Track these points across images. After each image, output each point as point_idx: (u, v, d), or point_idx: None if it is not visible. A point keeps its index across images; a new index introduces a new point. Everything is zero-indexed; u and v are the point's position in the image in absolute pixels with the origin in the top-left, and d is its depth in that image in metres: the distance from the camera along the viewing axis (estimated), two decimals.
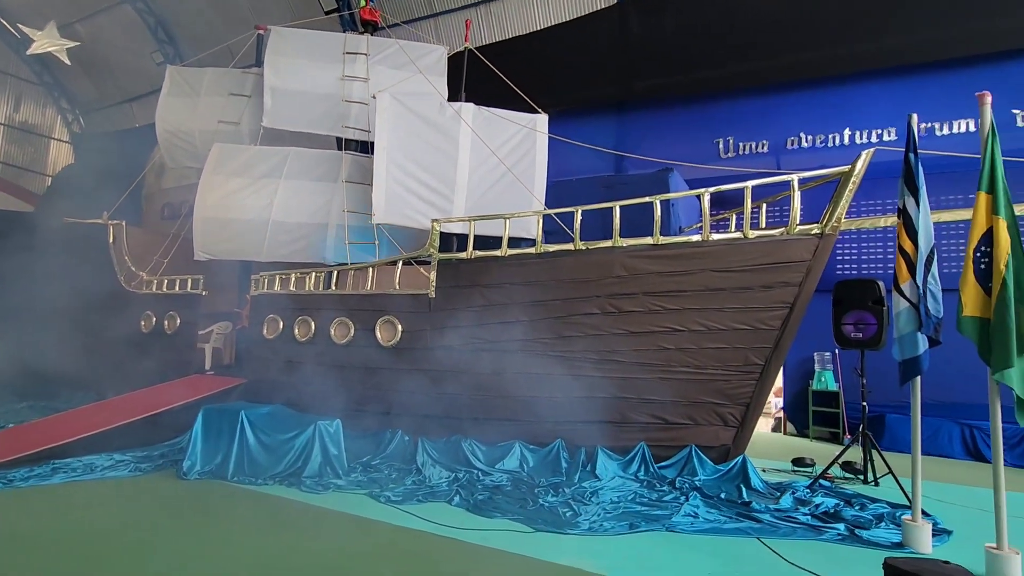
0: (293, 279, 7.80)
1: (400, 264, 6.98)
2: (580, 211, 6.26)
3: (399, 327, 6.77)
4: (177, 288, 8.93)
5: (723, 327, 5.95)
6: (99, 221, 10.05)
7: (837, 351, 8.71)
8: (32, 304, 11.04)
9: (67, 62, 17.41)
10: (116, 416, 6.45)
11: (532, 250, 6.38)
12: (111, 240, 9.88)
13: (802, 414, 8.83)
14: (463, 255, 6.64)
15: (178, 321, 8.75)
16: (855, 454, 6.58)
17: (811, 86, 9.02)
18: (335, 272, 7.47)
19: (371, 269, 7.19)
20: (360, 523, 4.30)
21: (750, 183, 5.88)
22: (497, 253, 6.48)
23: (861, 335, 5.85)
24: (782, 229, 5.81)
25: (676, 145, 9.66)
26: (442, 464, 6.13)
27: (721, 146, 9.59)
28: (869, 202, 8.28)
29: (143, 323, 9.10)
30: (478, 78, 9.50)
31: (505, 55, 10.56)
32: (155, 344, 8.93)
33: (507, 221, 6.53)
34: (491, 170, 8.83)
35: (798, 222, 5.77)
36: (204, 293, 8.76)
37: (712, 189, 5.99)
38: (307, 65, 9.98)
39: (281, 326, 7.63)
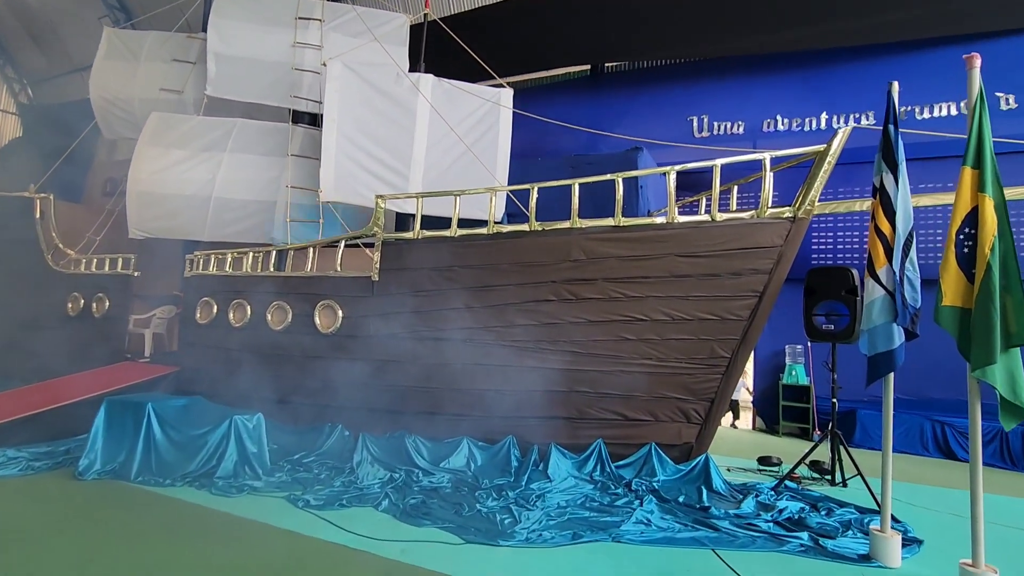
0: (230, 259, 7.16)
1: (342, 244, 6.39)
2: (536, 188, 5.74)
3: (340, 313, 6.20)
4: (107, 268, 8.22)
5: (688, 316, 5.51)
6: (25, 194, 9.24)
7: (809, 344, 8.37)
8: None
9: None
10: (19, 407, 5.79)
11: (483, 231, 5.85)
12: (38, 215, 9.09)
13: (772, 409, 8.50)
14: (409, 235, 6.08)
15: (107, 304, 8.06)
16: (824, 453, 6.23)
17: (789, 66, 8.59)
18: (273, 252, 6.86)
19: (311, 250, 6.59)
20: (263, 532, 3.77)
21: (719, 161, 5.43)
22: (446, 233, 5.94)
23: (833, 327, 5.45)
24: (752, 212, 5.37)
25: (648, 124, 9.17)
26: (381, 463, 5.61)
27: (695, 125, 9.13)
28: (845, 188, 7.91)
29: (70, 305, 8.39)
30: (441, 50, 8.88)
31: (470, 27, 9.92)
32: (82, 328, 8.23)
33: (457, 199, 5.98)
34: (451, 147, 8.26)
35: (770, 205, 5.34)
36: (136, 274, 8.07)
37: (679, 167, 5.52)
38: (255, 30, 9.24)
39: (215, 310, 7.00)
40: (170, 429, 4.80)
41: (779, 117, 8.60)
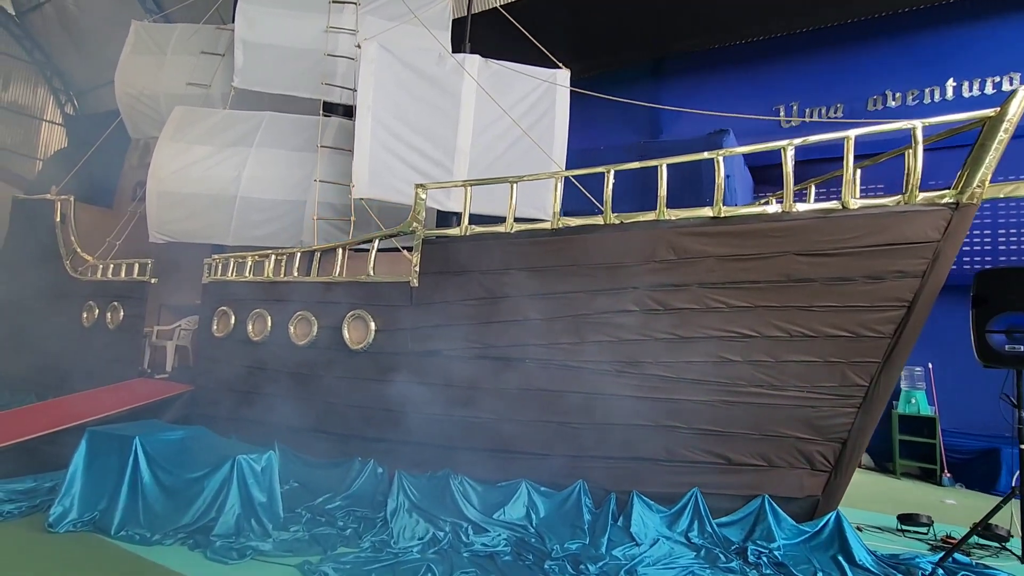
0: (250, 263, 6.28)
1: (375, 244, 5.40)
2: (612, 172, 4.61)
3: (372, 325, 5.19)
4: (122, 274, 7.48)
5: (811, 333, 4.27)
6: (47, 196, 8.67)
7: (931, 366, 6.91)
8: None
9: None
10: (3, 434, 4.98)
11: (546, 225, 4.76)
12: (57, 218, 8.48)
13: (883, 444, 7.05)
14: (454, 231, 5.04)
15: (121, 314, 7.30)
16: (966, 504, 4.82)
17: (897, 30, 7.21)
18: (297, 255, 5.93)
19: (340, 251, 5.63)
20: None
21: (851, 132, 4.20)
22: (499, 229, 4.87)
23: (1021, 347, 4.10)
24: (897, 197, 4.11)
25: (724, 118, 7.93)
26: (421, 512, 4.53)
27: (782, 113, 7.84)
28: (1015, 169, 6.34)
29: (85, 315, 7.68)
30: (486, 36, 7.92)
31: (519, 10, 8.93)
32: (96, 340, 7.50)
33: (515, 187, 4.91)
34: (500, 135, 7.24)
35: (918, 188, 4.08)
36: (153, 281, 7.29)
37: (798, 141, 4.31)
38: (286, 15, 8.47)
39: (233, 321, 6.11)
40: (160, 471, 3.85)
41: (889, 92, 7.24)
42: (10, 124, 18.74)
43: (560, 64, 7.51)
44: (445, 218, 7.75)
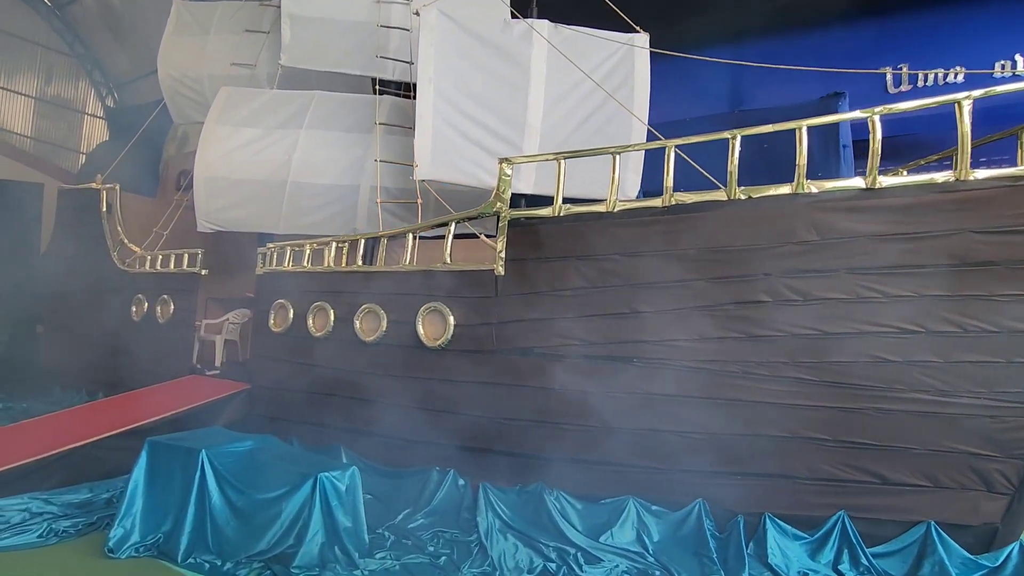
0: (308, 251, 5.76)
1: (452, 227, 4.80)
2: (739, 137, 3.90)
3: (451, 319, 4.60)
4: (172, 266, 7.08)
5: (992, 328, 3.52)
6: (92, 185, 8.34)
7: None
8: (30, 286, 9.57)
9: None
10: (55, 439, 4.58)
11: (656, 201, 4.08)
12: (103, 208, 8.14)
13: None
14: (544, 212, 4.39)
15: (172, 307, 6.90)
16: None
17: None
18: (361, 242, 5.37)
19: (410, 237, 5.05)
20: None
21: None
22: (600, 208, 4.21)
23: None
24: None
25: (817, 82, 7.06)
26: (517, 533, 3.96)
27: (890, 79, 6.94)
28: None
29: (134, 309, 7.32)
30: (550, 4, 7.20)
31: None
32: (147, 335, 7.13)
33: (617, 158, 4.23)
34: (573, 109, 6.56)
35: None
36: (203, 272, 6.86)
37: (977, 93, 3.52)
38: None
39: (291, 315, 5.61)
40: (230, 489, 3.35)
41: (1021, 57, 6.29)
42: (54, 119, 18.78)
43: (637, 27, 6.77)
44: (514, 201, 7.10)
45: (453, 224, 4.79)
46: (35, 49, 18.16)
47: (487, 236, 4.78)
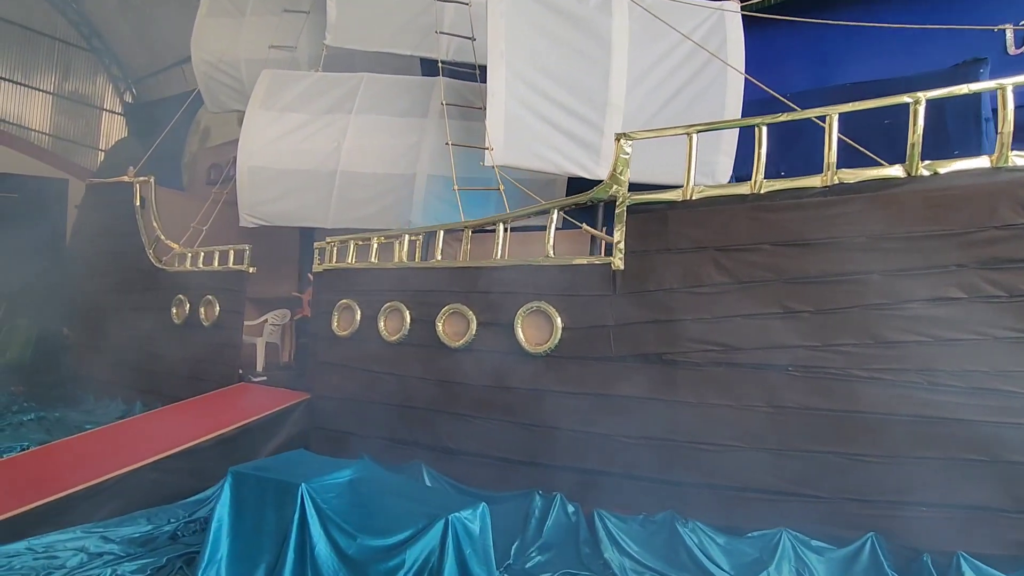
0: (375, 245, 5.16)
1: (554, 215, 4.18)
2: (924, 100, 3.26)
3: (558, 321, 3.99)
4: (216, 263, 6.50)
5: None
6: (124, 178, 7.79)
7: None
8: (58, 289, 9.08)
9: None
10: (107, 461, 4.02)
11: (814, 180, 3.44)
12: (137, 203, 7.59)
13: None
14: (671, 195, 3.76)
15: (217, 308, 6.33)
16: None
17: None
18: (440, 234, 4.76)
19: (501, 227, 4.43)
20: None
21: None
22: (742, 189, 3.58)
23: None
24: None
25: (923, 47, 6.36)
26: (656, 573, 3.34)
27: (1009, 36, 6.21)
28: None
29: (175, 311, 6.76)
30: None
31: None
32: (190, 339, 6.57)
33: (762, 131, 3.58)
34: (659, 85, 5.92)
35: None
36: (252, 270, 6.28)
37: None
38: None
39: (359, 317, 5.01)
40: (339, 533, 2.74)
41: None
42: (72, 115, 18.33)
43: None
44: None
45: (556, 212, 4.17)
46: (52, 43, 17.70)
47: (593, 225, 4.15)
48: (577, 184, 6.79)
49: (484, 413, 4.31)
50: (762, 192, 3.52)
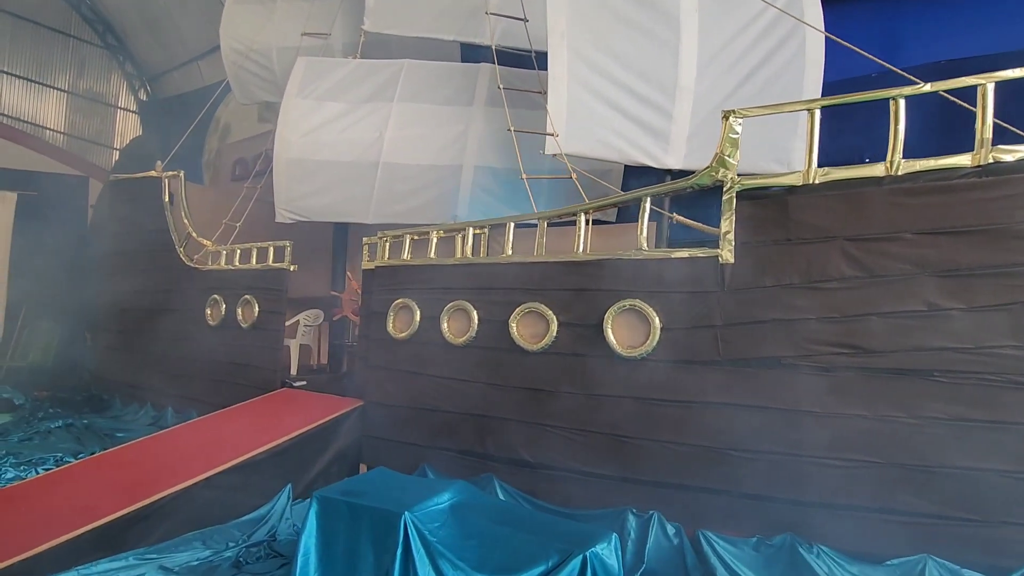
0: (434, 239, 4.77)
1: (647, 205, 3.76)
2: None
3: (655, 321, 3.58)
4: (254, 260, 6.13)
5: None
6: (152, 174, 7.44)
7: None
8: (82, 289, 8.74)
9: None
10: (156, 478, 3.64)
11: (963, 159, 3.01)
12: (166, 198, 7.23)
13: None
14: (790, 179, 3.34)
15: (256, 309, 5.96)
16: None
17: None
18: (510, 227, 4.36)
19: (581, 218, 4.02)
20: None
21: None
22: (875, 171, 3.15)
23: None
24: None
25: (1012, 25, 5.91)
26: None
27: None
28: None
29: (209, 311, 6.39)
30: None
31: None
32: (226, 341, 6.21)
33: (900, 103, 3.16)
34: (732, 66, 5.50)
35: None
36: (293, 268, 5.91)
37: None
38: None
39: (418, 318, 4.62)
40: (452, 570, 2.31)
41: None
42: (87, 113, 18.03)
43: None
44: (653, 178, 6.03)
45: (648, 201, 3.76)
46: (67, 41, 17.40)
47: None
48: (634, 173, 6.42)
49: (566, 423, 3.90)
50: (900, 174, 3.10)
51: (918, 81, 3.53)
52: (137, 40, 17.60)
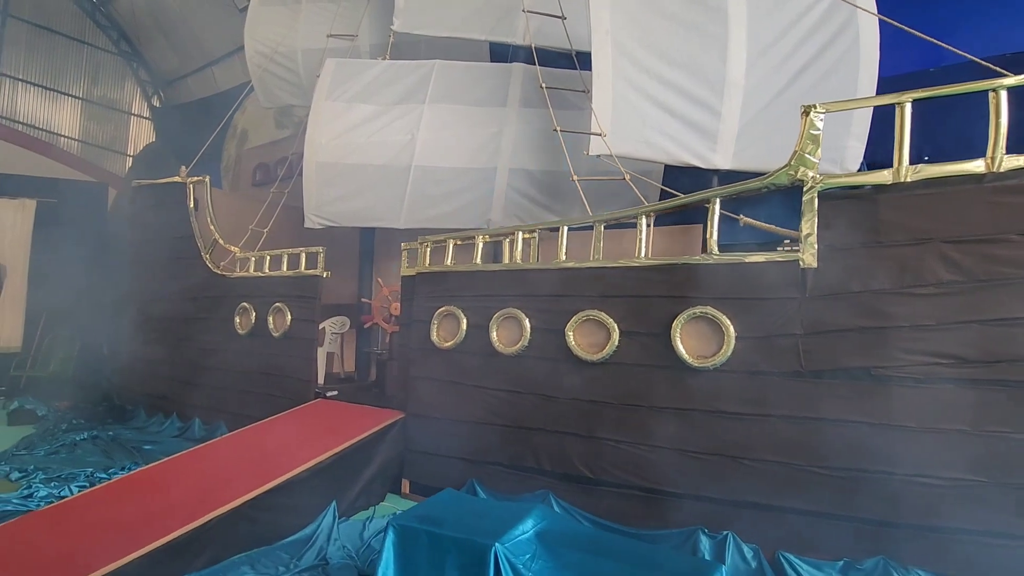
0: (479, 244, 4.57)
1: (716, 207, 3.55)
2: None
3: (731, 330, 3.36)
4: (285, 267, 5.96)
5: None
6: (176, 179, 7.29)
7: None
8: (104, 296, 8.61)
9: None
10: (198, 498, 3.45)
11: None
12: (191, 204, 7.08)
13: None
14: (879, 177, 3.12)
15: (288, 317, 5.78)
16: None
17: None
18: (564, 230, 4.15)
19: (643, 220, 3.81)
20: None
21: None
22: (975, 168, 2.93)
23: None
24: None
25: None
26: None
27: None
28: None
29: (238, 320, 6.22)
30: None
31: None
32: (256, 350, 6.03)
33: (1000, 95, 2.94)
34: (782, 62, 5.28)
35: None
36: (326, 274, 5.73)
37: None
38: None
39: (464, 326, 4.42)
40: None
41: None
42: (101, 120, 18.02)
43: None
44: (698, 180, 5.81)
45: (717, 202, 3.55)
46: (81, 48, 17.39)
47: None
48: (673, 173, 6.20)
49: (630, 437, 3.69)
50: (1003, 170, 2.88)
51: (1006, 73, 3.31)
52: (151, 46, 17.57)
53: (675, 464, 3.56)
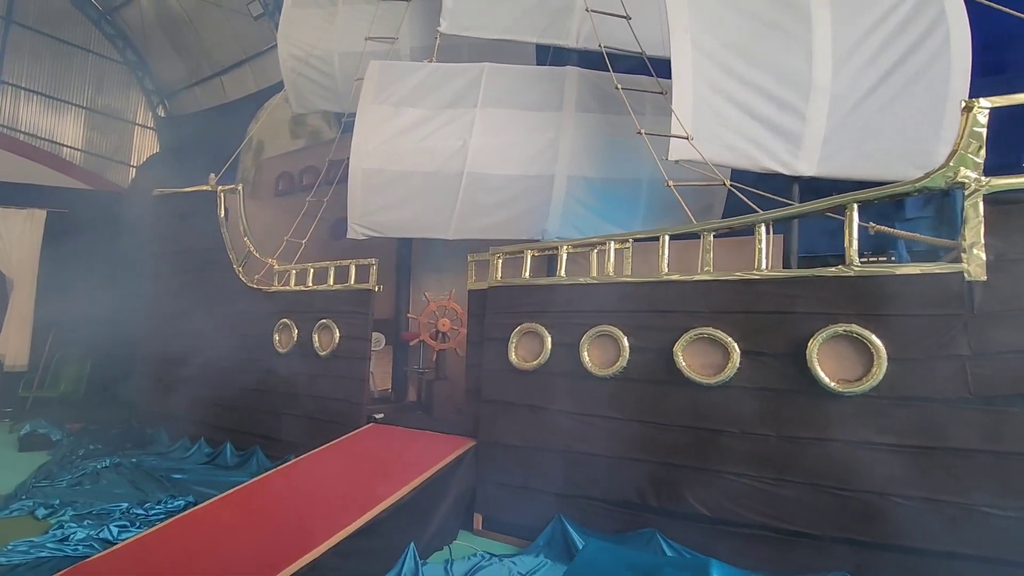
0: (564, 255, 4.19)
1: (854, 213, 3.20)
2: None
3: (880, 352, 2.99)
4: (332, 280, 5.55)
5: None
6: (205, 187, 6.87)
7: None
8: (122, 310, 8.12)
9: None
10: (276, 543, 3.01)
11: None
12: (222, 214, 6.66)
13: None
14: None
15: (336, 334, 5.35)
16: None
17: None
18: (666, 239, 3.79)
19: (762, 229, 3.46)
20: None
21: None
22: None
23: None
24: None
25: None
26: None
27: None
28: None
29: (277, 337, 5.79)
30: None
31: None
32: (299, 370, 5.59)
33: None
34: (867, 64, 4.98)
35: None
36: (379, 288, 5.33)
37: None
38: None
39: (548, 345, 4.03)
40: None
41: None
42: (105, 130, 17.59)
43: None
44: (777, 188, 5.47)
45: (855, 208, 3.20)
46: (86, 57, 17.00)
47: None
48: (737, 177, 5.85)
49: (756, 470, 3.30)
50: None
51: None
52: (159, 56, 17.19)
53: (812, 502, 3.17)
